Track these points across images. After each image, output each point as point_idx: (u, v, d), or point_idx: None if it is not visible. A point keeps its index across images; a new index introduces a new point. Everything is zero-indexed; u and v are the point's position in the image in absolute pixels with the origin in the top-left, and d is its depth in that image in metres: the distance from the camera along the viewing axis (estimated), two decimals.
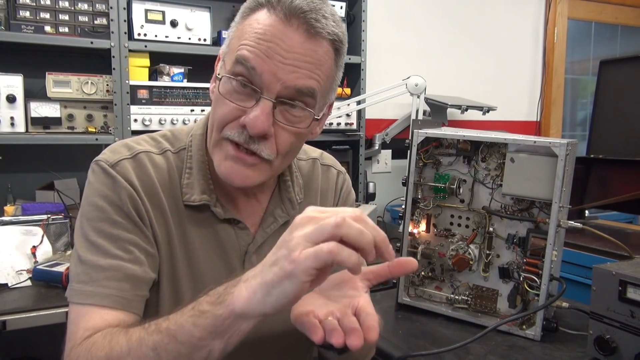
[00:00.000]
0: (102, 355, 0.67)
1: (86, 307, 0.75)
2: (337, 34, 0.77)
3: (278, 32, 0.73)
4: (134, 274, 0.77)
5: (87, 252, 0.77)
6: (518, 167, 1.14)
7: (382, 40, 2.74)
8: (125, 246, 0.77)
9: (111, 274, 0.76)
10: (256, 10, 0.77)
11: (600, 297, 0.98)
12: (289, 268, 0.56)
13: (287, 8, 0.73)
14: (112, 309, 0.74)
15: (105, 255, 0.77)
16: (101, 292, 0.75)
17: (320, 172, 1.01)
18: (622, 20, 3.62)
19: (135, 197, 0.79)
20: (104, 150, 0.83)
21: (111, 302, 0.74)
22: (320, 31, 0.75)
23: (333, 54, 0.78)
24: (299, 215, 0.61)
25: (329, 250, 0.55)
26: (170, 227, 0.82)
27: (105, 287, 0.75)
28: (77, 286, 0.76)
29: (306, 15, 0.74)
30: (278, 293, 0.58)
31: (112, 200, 0.78)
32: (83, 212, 0.80)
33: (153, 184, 0.82)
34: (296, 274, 0.56)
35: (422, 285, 1.29)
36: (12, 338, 1.53)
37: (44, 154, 2.06)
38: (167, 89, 1.96)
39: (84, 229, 0.79)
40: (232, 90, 0.76)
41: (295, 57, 0.73)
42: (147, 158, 0.83)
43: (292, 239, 0.58)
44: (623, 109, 2.20)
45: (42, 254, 1.65)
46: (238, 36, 0.77)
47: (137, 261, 0.78)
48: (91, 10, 1.92)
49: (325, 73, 0.78)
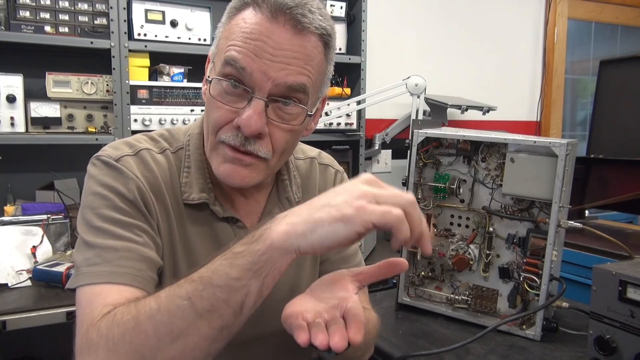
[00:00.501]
0: (129, 318, 0.61)
1: (101, 286, 0.69)
2: (324, 27, 0.77)
3: (265, 30, 0.73)
4: (149, 256, 0.74)
5: (95, 237, 0.73)
6: (518, 167, 1.14)
7: (382, 40, 2.74)
8: (133, 230, 0.75)
9: (125, 254, 0.72)
10: (242, 10, 0.76)
11: (600, 297, 0.98)
12: (350, 212, 0.57)
13: (272, 5, 0.73)
14: (131, 287, 0.69)
15: (116, 237, 0.73)
16: (117, 271, 0.70)
17: (318, 171, 1.01)
18: (622, 20, 3.62)
19: (143, 189, 0.78)
20: (104, 147, 0.82)
21: (130, 279, 0.70)
22: (307, 26, 0.74)
23: (322, 48, 0.78)
24: (364, 174, 0.62)
25: (397, 217, 0.58)
26: (173, 224, 0.82)
27: (120, 266, 0.71)
28: (89, 269, 0.71)
29: (292, 11, 0.73)
30: (326, 233, 0.58)
31: (117, 190, 0.76)
32: (86, 202, 0.76)
33: (157, 181, 0.81)
34: (355, 221, 0.57)
35: (422, 285, 1.29)
36: (12, 338, 1.53)
37: (44, 154, 2.05)
38: (167, 89, 1.96)
39: (88, 218, 0.75)
40: (223, 92, 0.75)
41: (284, 54, 0.73)
42: (150, 155, 0.83)
43: (357, 189, 0.59)
44: (623, 109, 2.20)
45: (42, 254, 1.65)
46: (226, 36, 0.77)
47: (148, 245, 0.76)
48: (91, 10, 1.92)
49: (316, 68, 0.77)
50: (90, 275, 0.70)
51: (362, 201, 0.58)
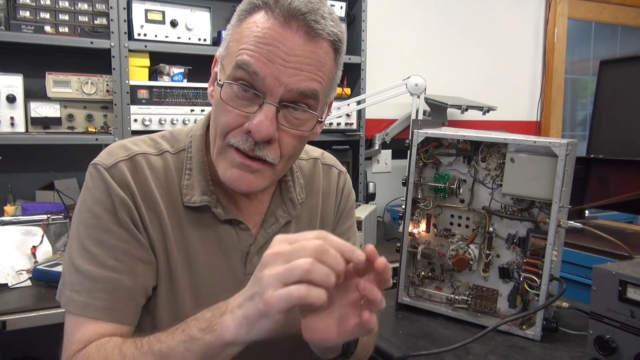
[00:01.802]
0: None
1: (80, 319, 0.77)
2: (336, 33, 0.77)
3: (278, 35, 0.72)
4: (127, 286, 0.78)
5: (82, 260, 0.78)
6: (518, 167, 1.14)
7: (382, 40, 2.74)
8: (119, 256, 0.78)
9: (103, 286, 0.77)
10: (253, 13, 0.76)
11: (600, 297, 0.98)
12: (263, 308, 0.60)
13: (285, 10, 0.73)
14: (104, 322, 0.76)
15: (99, 265, 0.77)
16: (93, 304, 0.76)
17: (321, 172, 1.00)
18: (622, 20, 3.62)
19: (128, 203, 0.79)
20: (102, 152, 0.83)
21: (103, 314, 0.76)
22: (320, 32, 0.74)
23: (333, 54, 0.78)
24: (267, 251, 0.63)
25: (299, 296, 0.58)
26: (167, 229, 0.82)
27: (97, 298, 0.76)
28: (71, 295, 0.78)
29: (305, 17, 0.73)
30: (259, 327, 0.62)
31: (107, 208, 0.78)
32: (80, 217, 0.80)
33: (149, 187, 0.82)
34: (270, 314, 0.60)
35: (422, 285, 1.29)
36: (12, 338, 1.53)
37: (44, 154, 2.06)
38: (167, 89, 1.96)
39: (80, 235, 0.79)
40: (234, 96, 0.75)
41: (297, 59, 0.73)
42: (144, 160, 0.83)
43: (263, 277, 0.61)
44: (623, 109, 2.20)
45: (42, 254, 1.65)
46: (236, 39, 0.76)
47: (131, 272, 0.78)
48: (91, 10, 1.93)
49: (327, 74, 0.77)
50: (71, 303, 0.77)
51: (268, 292, 0.60)
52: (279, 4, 0.73)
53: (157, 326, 0.82)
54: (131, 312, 0.79)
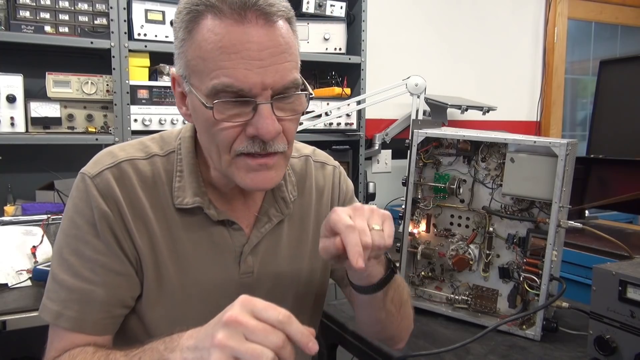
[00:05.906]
0: None
1: (52, 328, 0.80)
2: (286, 7, 0.76)
3: (240, 35, 0.69)
4: (100, 298, 0.79)
5: (59, 269, 0.80)
6: (518, 167, 1.14)
7: (382, 40, 2.74)
8: (95, 268, 0.79)
9: (76, 297, 0.78)
10: (200, 20, 0.71)
11: (600, 297, 0.98)
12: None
13: (235, 4, 0.69)
14: (76, 333, 0.78)
15: (74, 275, 0.79)
16: (66, 314, 0.78)
17: (314, 169, 1.00)
18: (622, 20, 3.62)
19: (109, 215, 0.79)
20: (90, 161, 0.84)
21: (74, 325, 0.78)
22: (275, 12, 0.72)
23: (289, 26, 0.76)
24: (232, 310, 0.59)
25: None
26: (155, 235, 0.82)
27: (70, 309, 0.78)
28: (49, 303, 0.80)
29: (257, 3, 0.70)
30: None
31: (87, 219, 0.79)
32: (62, 225, 0.82)
33: (135, 193, 0.81)
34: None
35: (422, 285, 1.29)
36: (12, 338, 1.53)
37: (44, 154, 2.05)
38: (167, 89, 1.96)
39: (60, 243, 0.81)
40: (225, 112, 0.73)
41: (270, 52, 0.71)
42: (131, 166, 0.82)
43: (216, 339, 0.57)
44: (623, 109, 2.20)
45: (42, 254, 1.65)
46: (199, 55, 0.72)
47: (105, 284, 0.79)
48: (91, 10, 1.92)
49: (294, 49, 0.77)
50: (45, 311, 0.80)
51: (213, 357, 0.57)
52: (226, 2, 0.70)
53: (149, 330, 0.83)
54: (105, 323, 0.80)
